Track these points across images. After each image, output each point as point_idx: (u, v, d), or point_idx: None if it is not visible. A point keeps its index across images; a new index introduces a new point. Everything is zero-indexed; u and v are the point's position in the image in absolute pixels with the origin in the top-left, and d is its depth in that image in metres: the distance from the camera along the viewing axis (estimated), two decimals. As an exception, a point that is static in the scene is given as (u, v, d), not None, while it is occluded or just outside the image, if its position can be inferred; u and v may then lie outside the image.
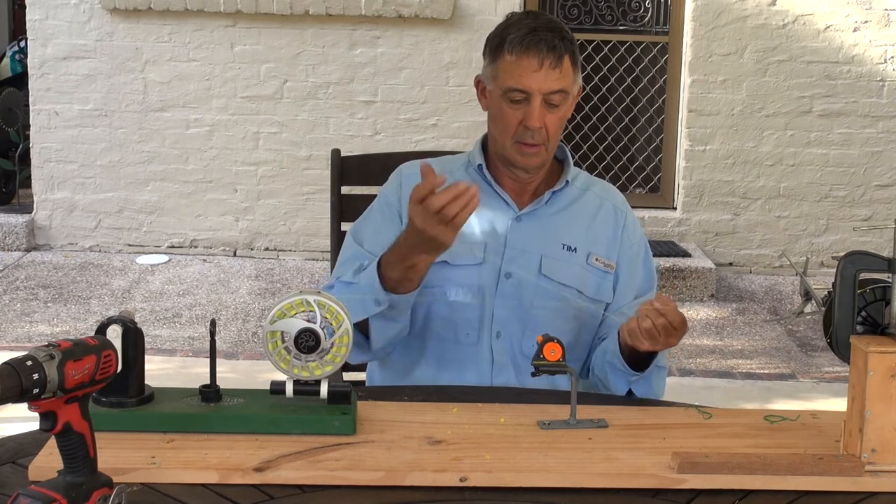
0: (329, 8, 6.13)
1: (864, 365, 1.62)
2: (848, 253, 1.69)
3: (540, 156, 2.15)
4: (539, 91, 2.09)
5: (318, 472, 1.58)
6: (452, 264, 2.15)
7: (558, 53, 2.08)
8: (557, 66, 2.08)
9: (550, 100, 2.10)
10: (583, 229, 2.20)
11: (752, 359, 4.97)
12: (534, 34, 2.09)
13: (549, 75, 2.08)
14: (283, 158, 6.33)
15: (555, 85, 2.09)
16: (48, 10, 6.21)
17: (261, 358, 4.51)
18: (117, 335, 1.66)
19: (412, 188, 1.90)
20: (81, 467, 1.39)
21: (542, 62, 2.08)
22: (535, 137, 2.12)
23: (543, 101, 2.10)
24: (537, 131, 2.11)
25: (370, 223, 2.24)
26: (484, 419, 1.81)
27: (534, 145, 2.13)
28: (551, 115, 2.11)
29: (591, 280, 2.17)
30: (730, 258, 6.37)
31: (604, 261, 2.20)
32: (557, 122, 2.13)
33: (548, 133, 2.12)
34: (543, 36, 2.08)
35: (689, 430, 1.79)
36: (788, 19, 6.18)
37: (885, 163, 6.31)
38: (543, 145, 2.13)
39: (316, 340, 1.73)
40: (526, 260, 2.16)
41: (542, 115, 2.10)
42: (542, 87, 2.09)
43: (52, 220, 6.37)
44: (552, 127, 2.12)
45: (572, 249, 2.18)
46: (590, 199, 2.25)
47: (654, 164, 6.51)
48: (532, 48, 2.08)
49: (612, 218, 2.24)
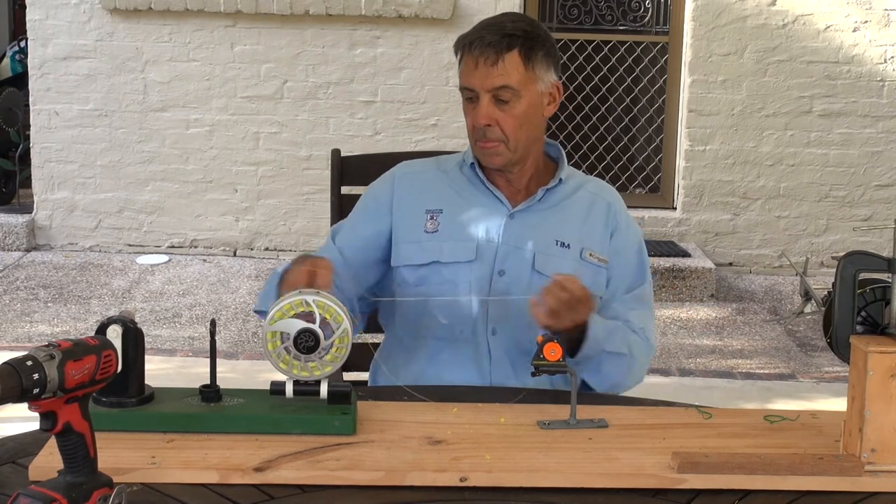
0: (329, 8, 6.13)
1: (863, 365, 1.62)
2: (848, 253, 1.70)
3: (500, 154, 2.15)
4: (482, 88, 2.10)
5: (318, 472, 1.58)
6: (445, 262, 2.16)
7: (496, 49, 2.09)
8: (496, 62, 2.09)
9: (499, 96, 2.11)
10: (576, 226, 2.21)
11: (752, 359, 4.96)
12: (477, 33, 2.12)
13: (489, 72, 2.09)
14: (283, 158, 6.33)
15: (497, 81, 2.09)
16: (48, 10, 6.21)
17: (261, 358, 4.51)
18: (117, 335, 1.66)
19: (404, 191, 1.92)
20: (81, 467, 1.39)
21: (476, 60, 2.10)
22: (487, 135, 2.12)
23: (493, 98, 2.11)
24: (488, 129, 2.12)
25: (349, 220, 2.29)
26: (484, 419, 1.81)
27: (490, 143, 2.13)
28: (504, 112, 2.11)
29: (586, 275, 2.16)
30: (730, 258, 6.37)
31: (598, 255, 2.20)
32: (512, 119, 2.12)
33: (504, 131, 2.12)
34: (484, 34, 2.11)
35: (689, 430, 1.79)
36: (788, 19, 6.18)
37: (884, 163, 6.31)
38: (502, 143, 2.13)
39: (315, 341, 1.73)
40: (519, 257, 2.17)
41: (491, 112, 2.11)
42: (484, 84, 2.10)
43: (53, 220, 6.37)
44: (507, 124, 2.12)
45: (566, 246, 2.18)
46: (583, 197, 2.25)
47: (654, 164, 6.51)
48: (474, 46, 2.11)
49: (604, 214, 2.24)
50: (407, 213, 2.22)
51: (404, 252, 2.20)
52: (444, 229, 2.19)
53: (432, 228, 2.19)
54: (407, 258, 2.19)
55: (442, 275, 2.16)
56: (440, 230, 2.19)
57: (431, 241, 2.17)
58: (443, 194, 2.23)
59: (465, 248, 2.16)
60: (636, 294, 2.22)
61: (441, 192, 2.23)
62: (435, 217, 2.20)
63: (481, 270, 2.16)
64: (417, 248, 2.18)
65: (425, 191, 2.24)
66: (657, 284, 5.77)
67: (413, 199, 2.23)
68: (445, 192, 2.23)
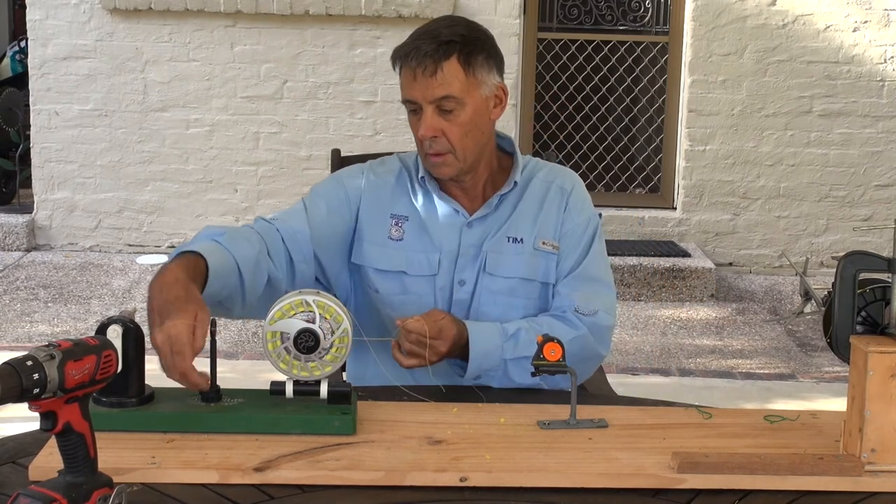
0: (329, 8, 6.13)
1: (864, 365, 1.62)
2: (848, 253, 1.70)
3: (449, 164, 2.11)
4: (423, 99, 2.06)
5: (318, 472, 1.58)
6: (410, 275, 2.15)
7: (434, 59, 2.04)
8: (435, 73, 2.04)
9: (442, 106, 2.06)
10: (530, 219, 2.18)
11: (752, 359, 4.96)
12: (412, 44, 2.06)
13: (428, 83, 2.05)
14: (283, 158, 6.33)
15: (437, 92, 2.05)
16: (48, 10, 6.21)
17: (261, 358, 4.51)
18: (117, 335, 1.66)
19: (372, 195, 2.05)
20: (81, 467, 1.39)
21: (414, 72, 2.05)
22: (433, 147, 2.09)
23: (437, 108, 2.07)
24: (434, 140, 2.08)
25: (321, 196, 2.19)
26: (484, 419, 1.81)
27: (438, 154, 2.10)
28: (448, 122, 2.07)
29: (541, 264, 2.15)
30: (730, 258, 6.37)
31: (551, 242, 2.17)
32: (458, 128, 2.08)
33: (450, 141, 2.08)
34: (419, 44, 2.05)
35: (689, 430, 1.79)
36: (788, 19, 6.18)
37: (884, 163, 6.31)
38: (450, 153, 2.10)
39: (315, 341, 1.73)
40: (473, 262, 2.16)
41: (435, 123, 2.07)
42: (426, 96, 2.05)
43: (53, 220, 6.37)
44: (453, 134, 2.08)
45: (518, 241, 2.16)
46: (536, 186, 2.21)
47: (654, 164, 6.51)
48: (410, 57, 2.06)
49: (557, 198, 2.20)
50: (373, 213, 2.19)
51: (368, 252, 2.17)
52: (409, 239, 2.17)
53: (397, 236, 2.17)
54: (372, 260, 2.17)
55: (406, 286, 2.15)
56: (405, 239, 2.17)
57: (398, 251, 2.16)
58: (407, 201, 2.20)
59: (428, 262, 2.15)
60: (578, 273, 2.17)
61: (406, 198, 2.20)
62: (400, 224, 2.18)
63: (443, 282, 2.16)
64: (382, 253, 2.16)
65: (392, 194, 2.20)
66: (657, 284, 5.77)
67: (379, 200, 2.20)
68: (409, 200, 2.20)
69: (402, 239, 2.17)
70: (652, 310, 5.60)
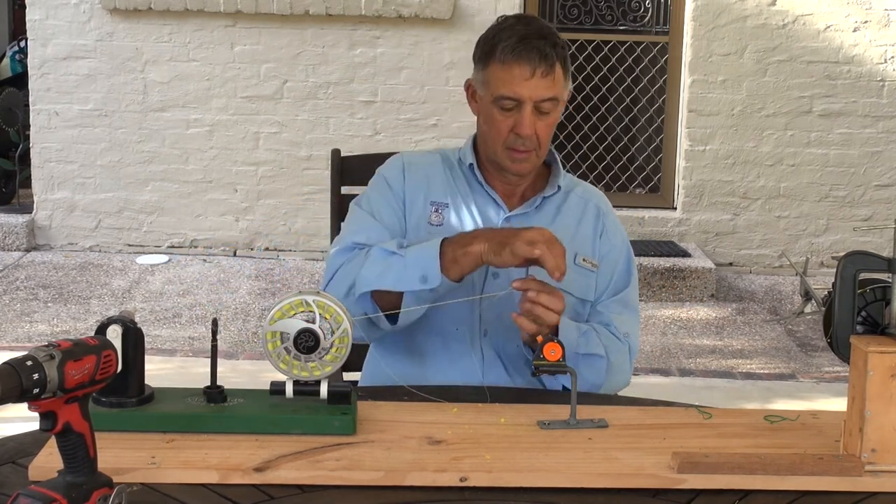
0: (329, 8, 6.13)
1: (864, 365, 1.62)
2: (848, 253, 1.70)
3: (530, 161, 2.16)
4: (530, 99, 2.10)
5: (318, 472, 1.58)
6: None
7: (550, 62, 2.08)
8: (549, 73, 2.09)
9: (541, 107, 2.11)
10: (570, 232, 2.21)
11: (752, 359, 4.97)
12: (525, 41, 2.08)
13: (540, 83, 2.09)
14: (283, 158, 6.33)
15: (546, 93, 2.10)
16: (48, 10, 6.21)
17: (261, 358, 4.51)
18: (117, 335, 1.66)
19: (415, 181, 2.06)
20: (81, 467, 1.39)
21: (533, 70, 2.08)
22: (525, 144, 2.13)
23: (534, 108, 2.10)
24: (528, 138, 2.12)
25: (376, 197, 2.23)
26: (484, 419, 1.81)
27: (524, 151, 2.14)
28: (541, 121, 2.12)
29: (579, 280, 2.17)
30: (730, 258, 6.37)
31: (590, 260, 2.21)
32: (547, 128, 2.14)
33: (539, 139, 2.13)
34: (536, 44, 2.08)
35: (689, 430, 1.79)
36: (788, 19, 6.18)
37: (885, 163, 6.31)
38: (534, 151, 2.15)
39: (315, 341, 1.73)
40: None
41: (533, 122, 2.11)
42: (534, 95, 2.09)
43: (52, 220, 6.37)
44: (543, 133, 2.13)
45: None
46: (574, 202, 2.26)
47: (654, 164, 6.51)
48: (523, 56, 2.08)
49: (594, 218, 2.26)
50: (415, 202, 2.22)
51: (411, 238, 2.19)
52: (448, 225, 2.20)
53: (437, 222, 2.21)
54: None
55: None
56: (444, 225, 2.20)
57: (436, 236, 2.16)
58: (447, 188, 2.24)
59: None
60: (621, 298, 2.23)
61: (445, 186, 2.24)
62: (440, 211, 2.22)
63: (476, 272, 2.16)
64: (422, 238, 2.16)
65: (431, 181, 2.24)
66: (657, 284, 5.77)
67: (420, 188, 2.23)
68: (449, 187, 2.24)
69: (441, 224, 2.20)
70: (652, 310, 5.60)
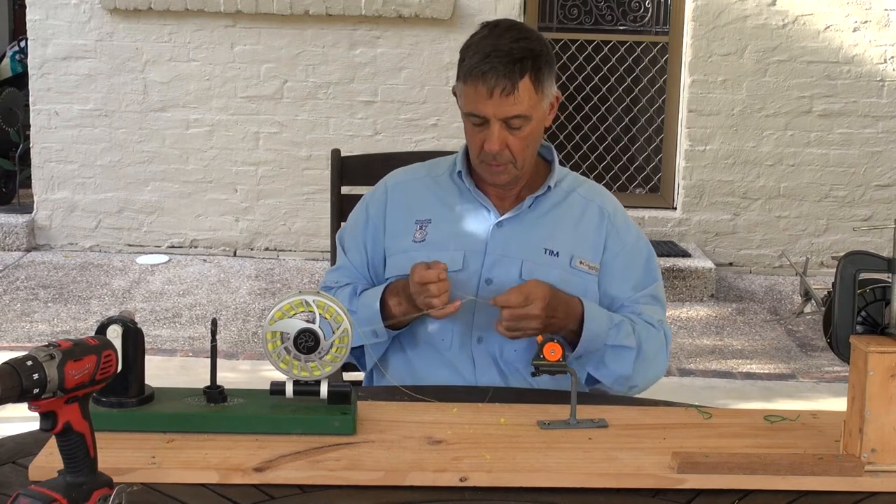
0: (329, 8, 6.13)
1: (864, 365, 1.62)
2: (848, 253, 1.70)
3: (508, 173, 2.14)
4: (495, 116, 2.07)
5: (318, 472, 1.58)
6: None
7: (512, 79, 2.04)
8: (511, 92, 2.04)
9: (510, 123, 2.08)
10: (567, 233, 2.19)
11: (752, 359, 4.96)
12: (486, 61, 2.04)
13: (503, 102, 2.05)
14: (283, 158, 6.33)
15: (510, 111, 2.06)
16: (48, 10, 6.20)
17: (261, 358, 4.51)
18: (117, 335, 1.66)
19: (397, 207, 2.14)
20: (81, 467, 1.39)
21: (491, 91, 2.04)
22: (497, 159, 2.11)
23: (504, 123, 2.08)
24: (499, 154, 2.09)
25: (351, 231, 2.31)
26: (484, 419, 1.81)
27: (499, 165, 2.12)
28: (513, 136, 2.09)
29: (576, 283, 2.15)
30: (730, 258, 6.37)
31: (588, 263, 2.18)
32: (521, 142, 2.10)
33: (512, 153, 2.10)
34: (495, 63, 2.03)
35: (689, 430, 1.79)
36: (788, 19, 6.18)
37: (885, 163, 6.31)
38: (511, 164, 2.12)
39: (315, 341, 1.73)
40: (507, 266, 2.16)
41: (503, 137, 2.08)
42: (498, 113, 2.06)
43: (53, 220, 6.37)
44: (516, 147, 2.10)
45: (554, 254, 2.17)
46: (575, 202, 2.23)
47: (654, 164, 6.51)
48: (481, 77, 2.04)
49: (597, 219, 2.22)
50: (398, 224, 2.23)
51: (394, 263, 2.21)
52: (432, 239, 2.19)
53: (420, 238, 2.20)
54: (398, 268, 2.18)
55: None
56: (427, 240, 2.19)
57: (419, 252, 2.16)
58: (431, 203, 2.23)
59: (451, 258, 2.14)
60: (650, 292, 2.23)
61: (430, 201, 2.23)
62: (424, 227, 2.21)
63: (469, 279, 2.16)
64: (405, 259, 2.16)
65: (415, 200, 2.24)
66: (657, 284, 5.77)
67: (404, 209, 2.24)
68: (434, 202, 2.23)
69: (424, 240, 2.19)
70: (652, 310, 5.59)
